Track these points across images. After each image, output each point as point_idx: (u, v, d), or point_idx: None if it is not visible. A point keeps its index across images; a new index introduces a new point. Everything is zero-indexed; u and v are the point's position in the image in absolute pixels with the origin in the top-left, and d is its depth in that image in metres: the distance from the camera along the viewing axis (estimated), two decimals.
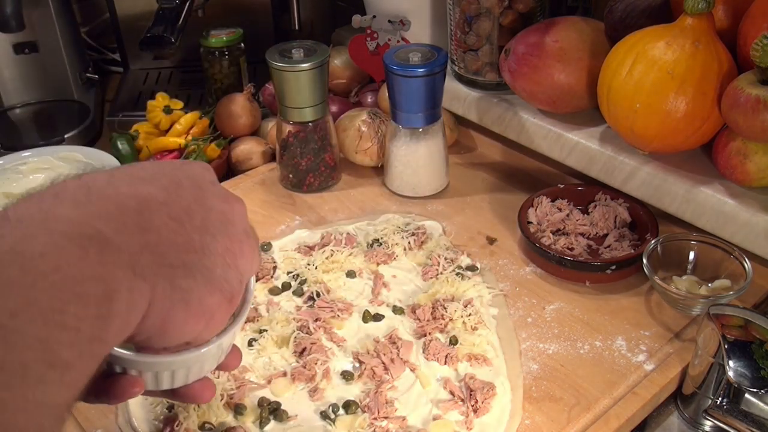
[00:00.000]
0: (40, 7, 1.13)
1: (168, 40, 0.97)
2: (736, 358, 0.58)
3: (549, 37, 0.83)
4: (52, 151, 0.99)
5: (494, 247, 0.84)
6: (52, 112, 1.20)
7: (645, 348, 0.69)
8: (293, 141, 0.92)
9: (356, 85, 1.12)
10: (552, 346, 0.70)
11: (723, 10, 0.75)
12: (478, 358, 0.67)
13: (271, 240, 0.85)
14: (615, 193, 0.84)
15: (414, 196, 0.93)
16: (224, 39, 1.09)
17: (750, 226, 0.71)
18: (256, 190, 0.96)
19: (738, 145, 0.71)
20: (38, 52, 1.17)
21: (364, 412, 0.62)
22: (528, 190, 0.92)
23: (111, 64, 1.37)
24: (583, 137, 0.84)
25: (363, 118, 0.97)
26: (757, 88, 0.66)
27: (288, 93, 0.89)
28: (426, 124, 0.89)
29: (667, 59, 0.70)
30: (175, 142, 0.99)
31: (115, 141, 0.99)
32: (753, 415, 0.60)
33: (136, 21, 1.22)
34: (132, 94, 1.22)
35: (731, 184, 0.74)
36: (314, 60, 0.87)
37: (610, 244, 0.81)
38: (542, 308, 0.75)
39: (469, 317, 0.71)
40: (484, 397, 0.62)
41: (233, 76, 1.12)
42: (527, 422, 0.62)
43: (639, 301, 0.75)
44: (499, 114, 0.93)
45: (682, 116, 0.71)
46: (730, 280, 0.73)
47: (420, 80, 0.85)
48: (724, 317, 0.60)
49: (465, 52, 0.94)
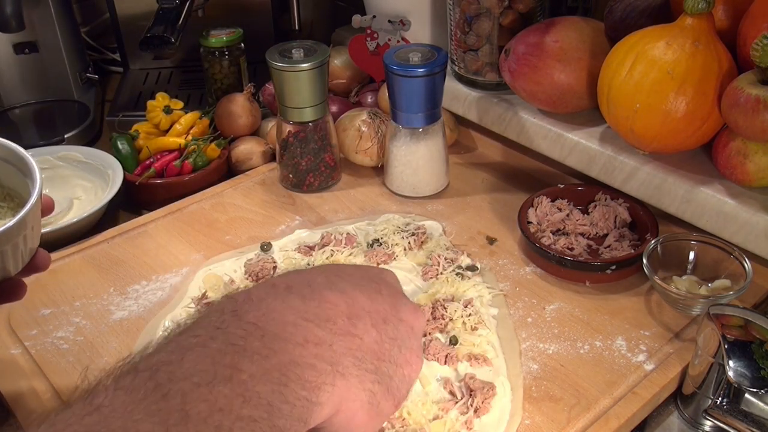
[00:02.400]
0: (40, 7, 1.13)
1: (168, 40, 0.97)
2: (736, 358, 0.58)
3: (549, 37, 0.83)
4: (52, 151, 0.99)
5: (494, 247, 0.84)
6: (52, 112, 1.20)
7: (645, 348, 0.69)
8: (293, 141, 0.92)
9: (356, 85, 1.12)
10: (552, 346, 0.70)
11: (723, 10, 0.75)
12: (478, 358, 0.67)
13: (271, 240, 0.85)
14: (615, 193, 0.84)
15: (414, 196, 0.93)
16: (224, 39, 1.09)
17: (750, 226, 0.71)
18: (256, 190, 0.96)
19: (738, 145, 0.71)
20: (38, 52, 1.17)
21: None
22: (528, 190, 0.92)
23: (111, 64, 1.37)
24: (583, 137, 0.85)
25: (363, 118, 0.97)
26: (757, 88, 0.66)
27: (288, 93, 0.89)
28: (426, 124, 0.89)
29: (667, 59, 0.70)
30: (175, 142, 0.99)
31: (115, 141, 0.99)
32: (753, 415, 0.60)
33: (136, 21, 1.22)
34: (132, 94, 1.22)
35: (731, 184, 0.74)
36: (314, 60, 0.87)
37: (610, 244, 0.81)
38: (542, 308, 0.75)
39: (469, 317, 0.71)
40: (484, 397, 0.62)
41: (233, 76, 1.12)
42: (527, 422, 0.62)
43: (639, 301, 0.75)
44: (499, 114, 0.93)
45: (682, 116, 0.71)
46: (730, 280, 0.73)
47: (420, 80, 0.85)
48: (724, 317, 0.60)
49: (465, 52, 0.94)
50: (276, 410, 0.33)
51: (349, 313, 0.40)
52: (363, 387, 0.40)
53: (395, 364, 0.43)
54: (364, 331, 0.41)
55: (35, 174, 0.51)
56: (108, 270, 0.82)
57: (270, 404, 0.33)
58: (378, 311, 0.43)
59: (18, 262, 0.49)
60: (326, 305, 0.40)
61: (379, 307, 0.43)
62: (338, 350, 0.38)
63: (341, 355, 0.38)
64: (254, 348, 0.34)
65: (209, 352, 0.32)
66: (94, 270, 0.82)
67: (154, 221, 0.90)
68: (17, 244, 0.48)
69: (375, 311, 0.42)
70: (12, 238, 0.47)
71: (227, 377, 0.31)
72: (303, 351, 0.36)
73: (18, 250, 0.48)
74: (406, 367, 0.44)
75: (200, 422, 0.29)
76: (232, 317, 0.35)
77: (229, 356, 0.33)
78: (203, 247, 0.85)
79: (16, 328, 0.74)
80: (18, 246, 0.48)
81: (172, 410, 0.29)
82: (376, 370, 0.41)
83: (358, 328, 0.40)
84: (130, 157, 0.98)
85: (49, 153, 0.98)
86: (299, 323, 0.37)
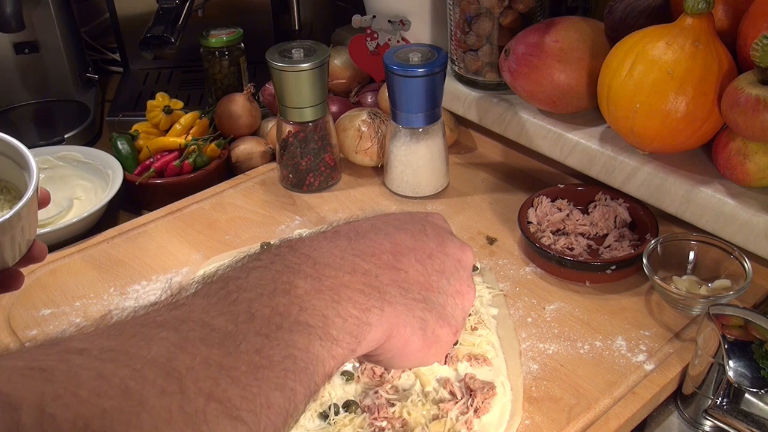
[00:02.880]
0: (40, 7, 1.13)
1: (168, 40, 0.97)
2: (736, 358, 0.58)
3: (549, 37, 0.83)
4: (52, 151, 0.99)
5: (494, 247, 0.84)
6: (52, 112, 1.20)
7: (645, 348, 0.69)
8: (293, 141, 0.92)
9: (356, 85, 1.12)
10: (552, 346, 0.70)
11: (723, 10, 0.75)
12: (478, 358, 0.67)
13: (271, 240, 0.85)
14: (615, 193, 0.84)
15: (414, 196, 0.93)
16: (224, 39, 1.09)
17: (750, 226, 0.71)
18: (256, 190, 0.96)
19: (738, 145, 0.71)
20: (38, 52, 1.17)
21: (364, 412, 0.62)
22: (528, 190, 0.92)
23: (111, 64, 1.37)
24: (583, 137, 0.84)
25: (363, 118, 0.97)
26: (757, 88, 0.66)
27: (288, 93, 0.89)
28: (426, 124, 0.89)
29: (667, 59, 0.70)
30: (175, 142, 0.99)
31: (115, 141, 0.99)
32: (753, 415, 0.60)
33: (136, 21, 1.22)
34: (132, 94, 1.21)
35: (731, 184, 0.74)
36: (314, 60, 0.87)
37: (610, 244, 0.81)
38: (542, 308, 0.75)
39: (469, 317, 0.71)
40: (484, 397, 0.62)
41: (233, 76, 1.12)
42: (527, 422, 0.62)
43: (639, 301, 0.75)
44: (499, 114, 0.93)
45: (682, 116, 0.71)
46: (730, 280, 0.73)
47: (420, 80, 0.85)
48: (724, 317, 0.60)
49: (465, 52, 0.94)
50: (330, 321, 0.37)
51: (394, 251, 0.43)
52: (413, 314, 0.42)
53: (445, 294, 0.45)
54: (408, 265, 0.44)
55: (32, 166, 0.52)
56: (108, 270, 0.82)
57: (324, 316, 0.37)
58: (423, 249, 0.45)
59: (15, 253, 0.50)
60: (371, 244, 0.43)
61: (424, 245, 0.46)
62: (384, 281, 0.41)
63: (387, 285, 0.41)
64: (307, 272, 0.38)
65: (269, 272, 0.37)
66: (94, 270, 0.82)
67: (154, 221, 0.90)
68: (15, 235, 0.49)
69: (419, 248, 0.45)
70: (10, 230, 0.48)
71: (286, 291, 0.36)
72: (352, 278, 0.40)
73: (15, 242, 0.49)
74: (457, 297, 0.46)
75: (263, 321, 0.34)
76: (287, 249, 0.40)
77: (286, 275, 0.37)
78: (203, 247, 0.85)
79: (16, 329, 0.74)
80: (15, 237, 0.49)
81: (240, 312, 0.34)
82: (424, 299, 0.43)
83: (402, 263, 0.43)
84: (130, 157, 0.98)
85: (49, 153, 0.98)
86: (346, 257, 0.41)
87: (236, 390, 0.30)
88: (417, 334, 0.42)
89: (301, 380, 0.34)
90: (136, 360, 0.29)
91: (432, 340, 0.43)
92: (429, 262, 0.45)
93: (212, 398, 0.29)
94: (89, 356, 0.29)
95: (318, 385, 0.36)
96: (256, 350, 0.33)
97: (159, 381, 0.28)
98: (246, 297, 0.35)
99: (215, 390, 0.30)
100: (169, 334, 0.31)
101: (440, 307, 0.44)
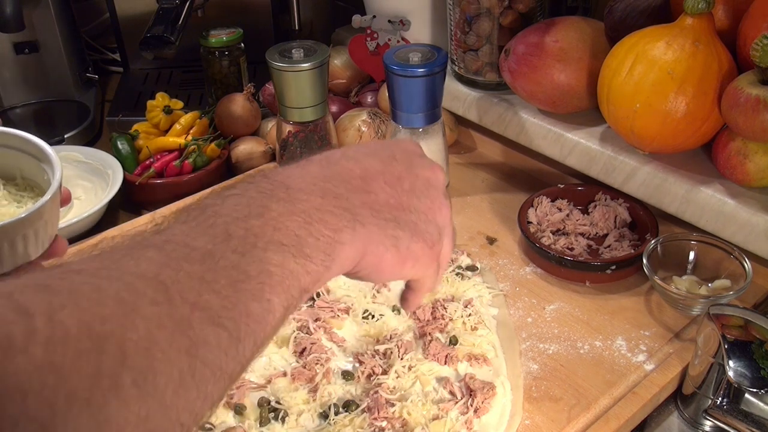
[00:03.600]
0: (40, 7, 1.13)
1: (168, 40, 0.97)
2: (736, 358, 0.58)
3: (549, 37, 0.83)
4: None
5: (494, 247, 0.84)
6: (52, 112, 1.20)
7: (645, 348, 0.69)
8: (293, 141, 0.92)
9: (356, 85, 1.12)
10: (552, 346, 0.70)
11: (723, 10, 0.75)
12: (478, 358, 0.67)
13: None
14: (615, 193, 0.84)
15: None
16: (224, 39, 1.09)
17: (750, 226, 0.71)
18: None
19: (738, 145, 0.71)
20: (38, 52, 1.17)
21: (364, 412, 0.62)
22: (528, 190, 0.92)
23: (111, 64, 1.37)
24: (583, 137, 0.84)
25: (363, 118, 0.97)
26: (757, 88, 0.66)
27: (288, 93, 0.89)
28: (426, 124, 0.89)
29: (667, 59, 0.70)
30: (174, 142, 0.99)
31: (115, 141, 0.99)
32: (753, 415, 0.60)
33: (136, 21, 1.22)
34: (132, 94, 1.21)
35: (731, 184, 0.74)
36: (314, 60, 0.87)
37: (610, 244, 0.81)
38: (542, 308, 0.75)
39: (469, 317, 0.71)
40: (484, 397, 0.62)
41: (233, 76, 1.12)
42: (527, 422, 0.62)
43: (639, 301, 0.75)
44: (499, 114, 0.93)
45: (682, 116, 0.71)
46: (730, 280, 0.73)
47: (420, 80, 0.85)
48: (724, 317, 0.60)
49: (465, 52, 0.94)
50: (303, 240, 0.39)
51: (363, 176, 0.45)
52: (385, 233, 0.44)
53: (417, 212, 0.47)
54: (378, 188, 0.45)
55: (55, 165, 0.54)
56: None
57: (297, 235, 0.39)
58: (391, 172, 0.47)
59: (38, 247, 0.52)
60: (341, 170, 0.45)
61: (393, 168, 0.48)
62: (355, 203, 0.43)
63: (358, 207, 0.43)
64: (280, 196, 0.41)
65: (244, 198, 0.40)
66: None
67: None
68: (38, 229, 0.51)
69: (388, 172, 0.47)
70: (34, 223, 0.50)
71: (260, 214, 0.39)
72: (323, 201, 0.42)
73: (39, 236, 0.51)
74: (429, 213, 0.48)
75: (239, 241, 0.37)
76: (261, 177, 0.43)
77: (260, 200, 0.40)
78: None
79: None
80: (39, 231, 0.51)
81: (217, 234, 0.37)
82: (395, 219, 0.45)
83: (372, 186, 0.45)
84: (130, 157, 0.98)
85: None
86: (318, 183, 0.43)
87: (217, 300, 0.34)
88: (390, 251, 0.44)
89: (277, 293, 0.37)
90: (128, 275, 0.33)
91: (406, 256, 0.45)
92: (398, 183, 0.47)
93: (196, 307, 0.33)
94: (87, 274, 0.32)
95: (295, 299, 0.38)
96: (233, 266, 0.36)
97: (149, 292, 0.32)
98: (222, 221, 0.38)
99: (198, 300, 0.33)
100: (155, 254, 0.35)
101: (412, 225, 0.46)
